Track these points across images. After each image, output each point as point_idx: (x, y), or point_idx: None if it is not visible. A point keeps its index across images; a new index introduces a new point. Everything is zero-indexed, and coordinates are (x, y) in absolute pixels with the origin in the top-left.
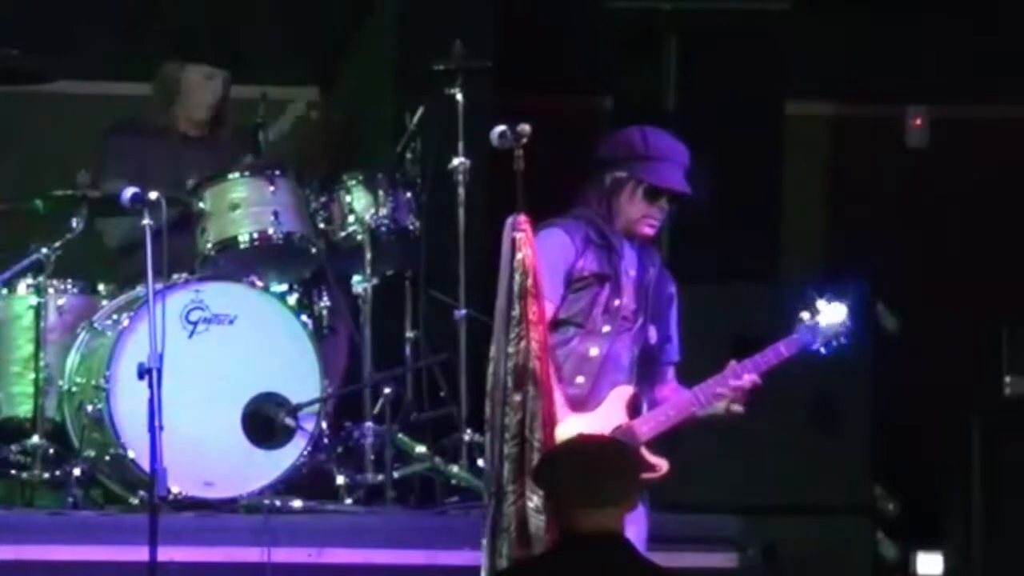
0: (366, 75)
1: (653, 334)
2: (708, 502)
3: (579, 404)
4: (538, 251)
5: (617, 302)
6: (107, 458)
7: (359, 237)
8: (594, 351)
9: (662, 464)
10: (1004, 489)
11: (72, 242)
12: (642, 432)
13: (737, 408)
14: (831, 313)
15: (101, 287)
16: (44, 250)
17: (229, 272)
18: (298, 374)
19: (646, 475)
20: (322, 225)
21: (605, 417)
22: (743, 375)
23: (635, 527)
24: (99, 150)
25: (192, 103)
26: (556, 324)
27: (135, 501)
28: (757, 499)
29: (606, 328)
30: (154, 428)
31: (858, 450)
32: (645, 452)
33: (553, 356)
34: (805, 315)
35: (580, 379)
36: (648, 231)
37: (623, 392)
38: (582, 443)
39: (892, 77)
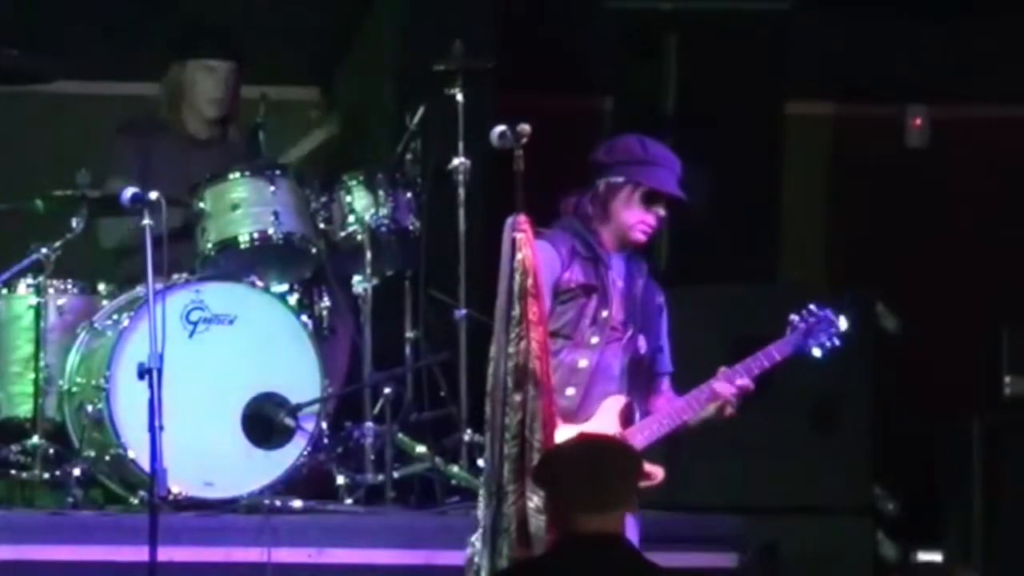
0: (366, 75)
1: (643, 344)
2: (708, 502)
3: (570, 415)
4: None
5: (605, 313)
6: (107, 458)
7: (359, 237)
8: (583, 362)
9: (658, 472)
10: (1004, 489)
11: (72, 242)
12: (637, 441)
13: (730, 411)
14: (822, 315)
15: (101, 287)
16: (44, 250)
17: (229, 272)
18: (298, 374)
19: (642, 483)
20: (322, 225)
21: (599, 427)
22: (735, 380)
23: (627, 533)
24: (107, 147)
25: (199, 101)
26: None
27: (135, 501)
28: (757, 499)
29: (594, 339)
30: (154, 428)
31: (858, 450)
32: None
33: None
34: (795, 318)
35: (570, 391)
36: (641, 237)
37: (616, 402)
38: (583, 444)
39: (892, 77)
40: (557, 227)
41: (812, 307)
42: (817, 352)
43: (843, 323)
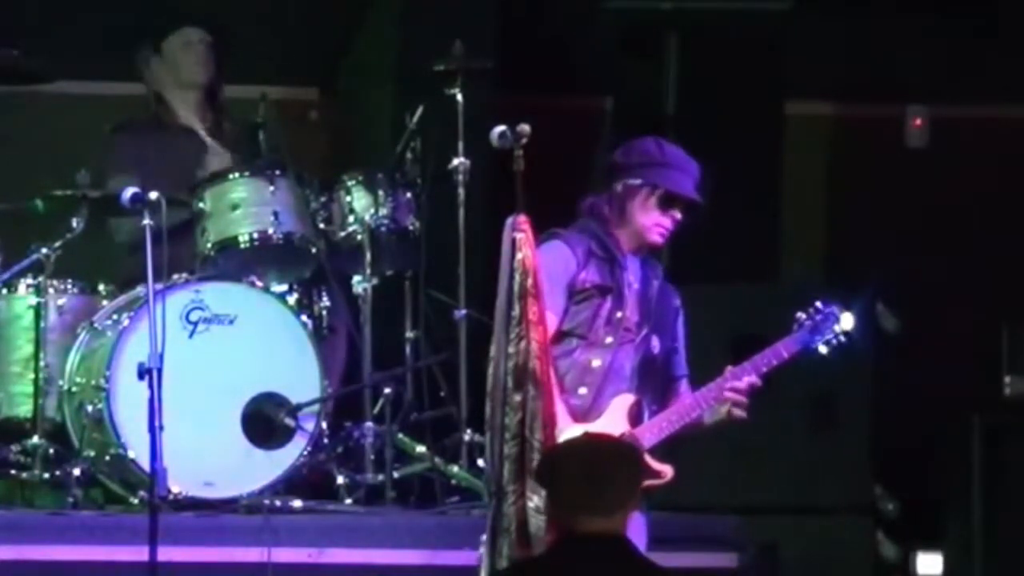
0: (366, 75)
1: (656, 344)
2: (708, 502)
3: (582, 414)
4: (540, 263)
5: (619, 314)
6: (107, 458)
7: (359, 237)
8: (596, 362)
9: (667, 470)
10: (1004, 489)
11: (72, 242)
12: (646, 439)
13: (739, 413)
14: (829, 313)
15: (101, 287)
16: (44, 250)
17: (229, 272)
18: (298, 374)
19: (651, 481)
20: (322, 225)
21: (607, 426)
22: (742, 377)
23: (635, 533)
24: (104, 149)
25: (182, 74)
26: (559, 336)
27: (135, 501)
28: (757, 499)
29: (608, 339)
30: (154, 428)
31: (858, 450)
32: (649, 459)
33: (556, 367)
34: (801, 315)
35: (583, 390)
36: (657, 239)
37: (624, 401)
38: (585, 444)
39: (892, 77)
40: (573, 228)
41: (818, 304)
42: (823, 349)
43: (849, 320)
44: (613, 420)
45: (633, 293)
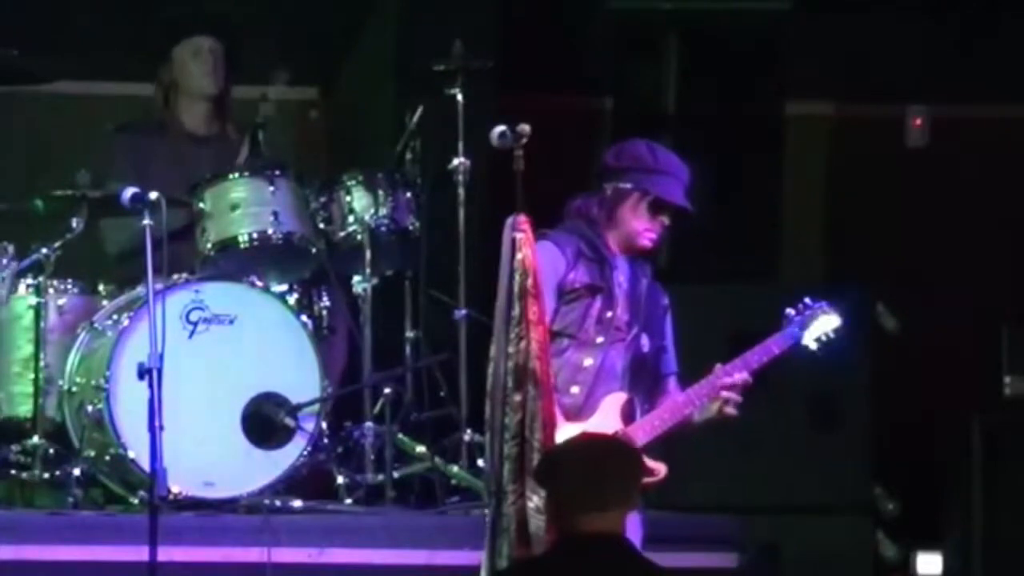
0: (366, 75)
1: (646, 342)
2: (708, 502)
3: (574, 413)
4: None
5: (610, 314)
6: (107, 458)
7: (359, 237)
8: (588, 361)
9: (660, 468)
10: (1004, 489)
11: (72, 242)
12: (638, 437)
13: (730, 410)
14: (818, 309)
15: (101, 287)
16: (44, 250)
17: (229, 272)
18: (298, 374)
19: (646, 480)
20: (322, 225)
21: (600, 424)
22: (733, 373)
23: (631, 532)
24: (106, 149)
25: (192, 83)
26: (550, 336)
27: (135, 501)
28: (757, 499)
29: (599, 339)
30: (154, 428)
31: (858, 450)
32: (643, 457)
33: None
34: (791, 311)
35: (575, 389)
36: (646, 244)
37: (617, 399)
38: (584, 443)
39: (892, 77)
40: (562, 228)
41: (807, 300)
42: (813, 345)
43: (837, 316)
44: (606, 418)
45: (623, 293)
